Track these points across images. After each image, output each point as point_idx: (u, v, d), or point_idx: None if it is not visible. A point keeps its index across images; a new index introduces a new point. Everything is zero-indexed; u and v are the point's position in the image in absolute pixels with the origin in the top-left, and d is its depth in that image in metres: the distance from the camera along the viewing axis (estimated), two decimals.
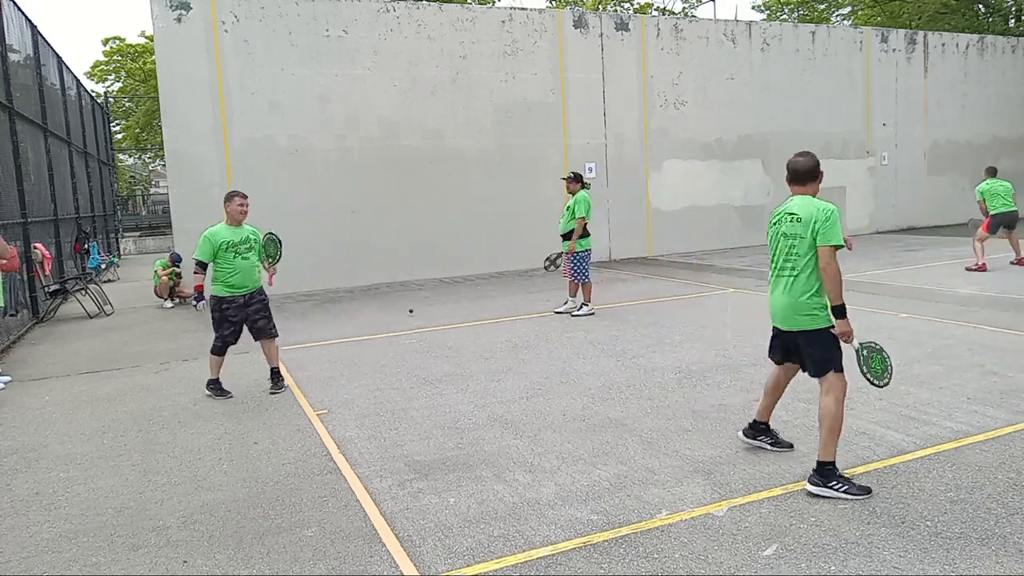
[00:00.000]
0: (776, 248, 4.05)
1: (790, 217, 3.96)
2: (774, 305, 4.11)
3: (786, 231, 3.96)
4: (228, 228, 6.29)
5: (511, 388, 6.16)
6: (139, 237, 29.46)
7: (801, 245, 3.88)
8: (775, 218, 4.08)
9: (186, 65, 12.13)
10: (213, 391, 6.38)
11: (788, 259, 3.96)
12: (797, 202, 3.96)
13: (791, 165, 4.04)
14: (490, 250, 14.45)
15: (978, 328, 7.52)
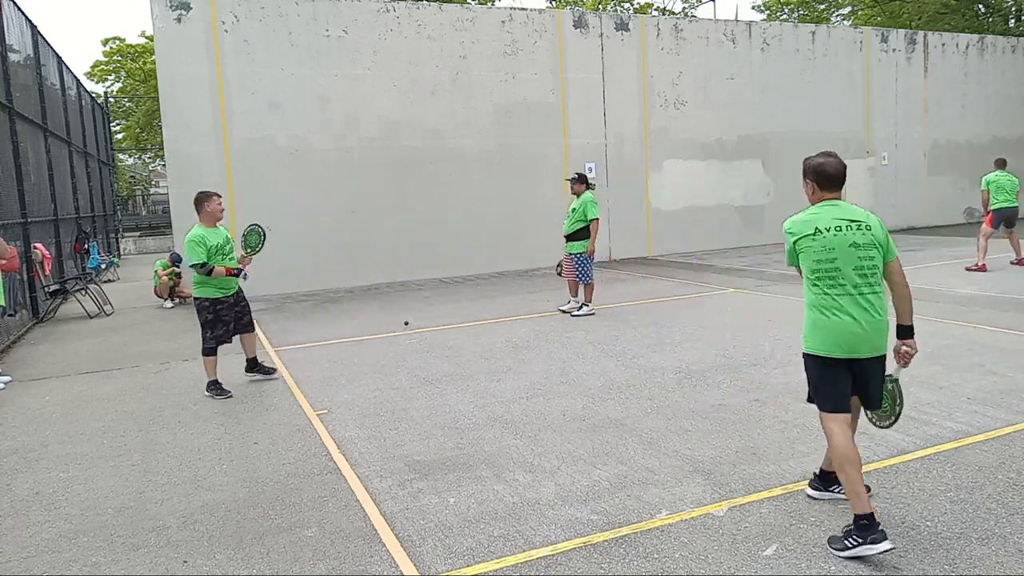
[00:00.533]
0: (843, 261, 3.34)
1: (855, 225, 3.38)
2: (857, 330, 3.33)
3: (859, 240, 3.35)
4: (209, 230, 6.31)
5: (511, 388, 6.16)
6: (139, 237, 29.47)
7: (877, 258, 3.38)
8: (830, 226, 3.38)
9: (186, 65, 12.13)
10: (214, 392, 6.39)
11: (866, 274, 3.36)
12: (851, 208, 3.45)
13: (828, 167, 3.47)
14: (490, 250, 14.45)
15: (978, 328, 7.52)
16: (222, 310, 6.38)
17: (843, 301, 3.34)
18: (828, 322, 3.37)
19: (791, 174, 18.57)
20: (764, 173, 17.23)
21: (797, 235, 3.44)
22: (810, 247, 3.39)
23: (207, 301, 6.32)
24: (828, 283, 3.37)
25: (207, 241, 6.20)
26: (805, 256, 3.42)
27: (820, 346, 3.41)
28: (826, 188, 3.49)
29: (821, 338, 3.40)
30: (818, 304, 3.41)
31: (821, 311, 3.40)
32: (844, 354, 3.35)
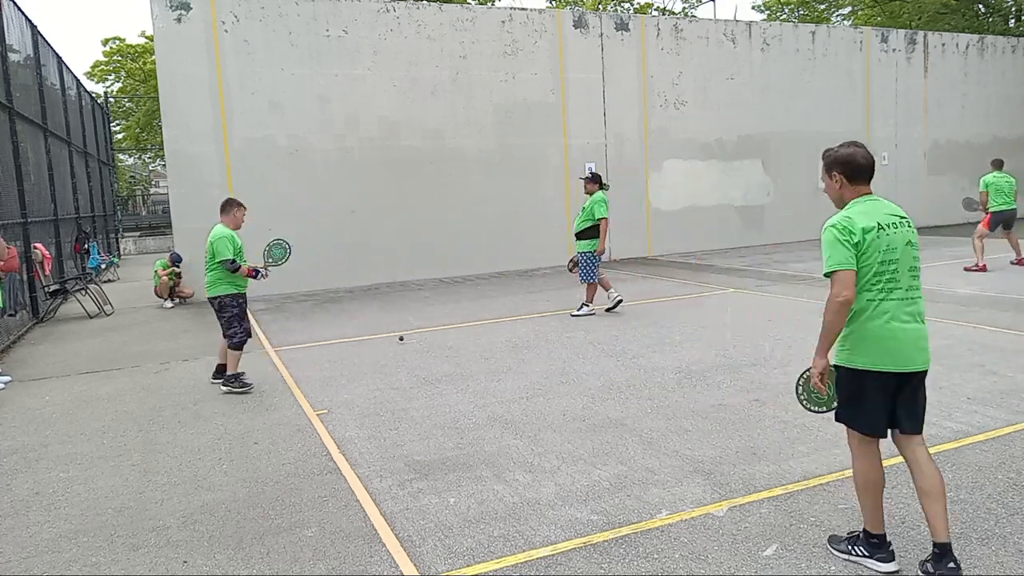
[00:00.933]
0: (902, 261, 3.02)
1: (905, 221, 3.07)
2: (908, 338, 3.00)
3: (912, 239, 3.06)
4: (233, 231, 6.62)
5: (511, 388, 6.16)
6: (139, 237, 29.48)
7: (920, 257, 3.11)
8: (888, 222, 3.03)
9: (186, 65, 12.13)
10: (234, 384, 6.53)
11: (916, 275, 3.07)
12: (890, 204, 3.13)
13: (859, 157, 3.10)
14: (490, 250, 14.45)
15: (978, 328, 7.52)
16: (243, 304, 6.68)
17: (899, 307, 3.01)
18: (884, 331, 2.99)
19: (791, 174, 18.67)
20: (764, 173, 17.23)
21: (866, 230, 2.99)
22: (875, 245, 2.99)
23: (229, 297, 6.56)
24: (887, 286, 3.00)
25: (235, 240, 6.53)
26: (868, 256, 2.99)
27: (869, 359, 3.01)
28: (857, 180, 3.12)
29: (874, 350, 3.00)
30: (871, 311, 3.01)
31: (876, 319, 3.00)
32: (898, 368, 3.00)
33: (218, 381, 6.73)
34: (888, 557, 3.10)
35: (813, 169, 17.86)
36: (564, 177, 15.07)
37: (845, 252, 2.99)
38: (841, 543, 3.23)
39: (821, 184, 3.27)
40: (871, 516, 3.13)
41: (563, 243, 15.16)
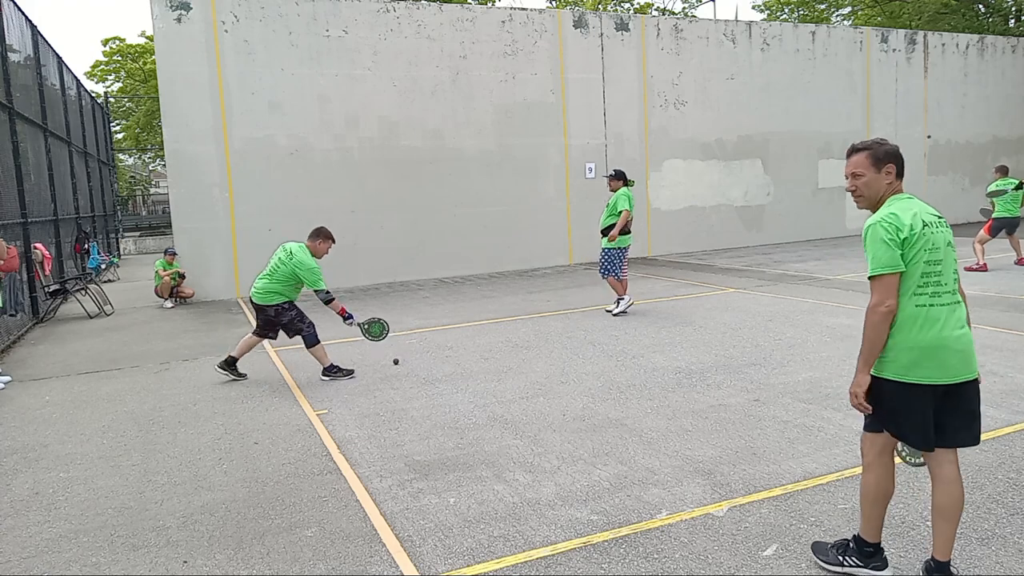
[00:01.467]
0: (946, 262, 2.85)
1: (940, 220, 2.91)
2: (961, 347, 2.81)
3: (951, 240, 2.89)
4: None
5: (511, 388, 6.16)
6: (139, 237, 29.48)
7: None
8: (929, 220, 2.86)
9: (186, 65, 12.14)
10: (335, 374, 6.75)
11: (958, 279, 2.90)
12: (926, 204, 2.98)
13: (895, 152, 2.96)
14: (490, 250, 14.45)
15: (978, 328, 7.51)
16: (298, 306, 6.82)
17: (949, 313, 2.82)
18: (938, 341, 2.79)
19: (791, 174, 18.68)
20: (764, 173, 17.24)
21: (912, 226, 2.80)
22: (922, 242, 2.80)
23: (286, 304, 6.72)
24: (934, 288, 2.81)
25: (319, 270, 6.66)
26: (915, 255, 2.80)
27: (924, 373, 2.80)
28: (900, 177, 2.97)
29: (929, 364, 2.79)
30: (923, 319, 2.80)
31: (928, 328, 2.79)
32: (950, 379, 2.80)
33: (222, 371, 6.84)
34: (883, 564, 3.02)
35: (813, 169, 17.88)
36: (564, 177, 15.08)
37: (891, 252, 2.79)
38: (828, 552, 3.12)
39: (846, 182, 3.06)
40: (873, 525, 3.00)
41: (563, 243, 15.19)
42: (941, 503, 2.90)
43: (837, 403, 5.31)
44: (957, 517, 2.90)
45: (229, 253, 12.57)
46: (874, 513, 3.00)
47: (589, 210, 15.34)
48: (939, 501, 2.91)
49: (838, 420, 4.97)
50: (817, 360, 6.56)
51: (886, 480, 2.98)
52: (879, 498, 2.98)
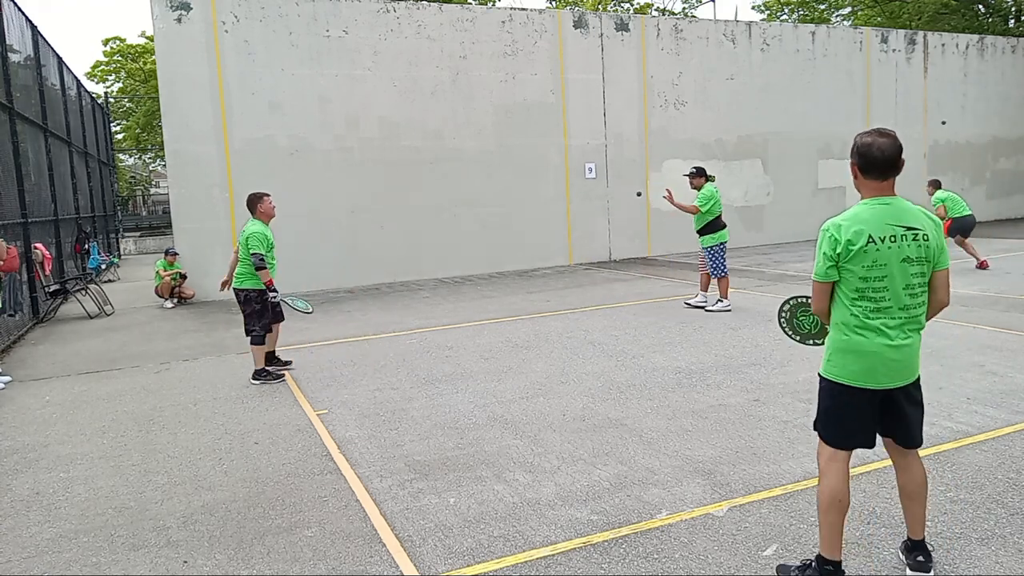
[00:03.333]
0: (893, 279, 2.79)
1: (912, 234, 2.78)
2: (897, 356, 2.82)
3: (912, 254, 2.78)
4: (267, 228, 6.67)
5: (511, 388, 6.16)
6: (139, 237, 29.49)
7: (928, 272, 2.85)
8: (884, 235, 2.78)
9: (186, 65, 12.14)
10: (264, 378, 6.67)
11: (916, 292, 2.82)
12: (906, 208, 2.82)
13: (875, 149, 2.76)
14: (490, 250, 14.46)
15: (978, 328, 7.52)
16: (266, 299, 6.71)
17: (887, 324, 2.81)
18: (866, 345, 2.82)
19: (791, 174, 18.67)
20: (764, 173, 17.24)
21: (850, 247, 2.78)
22: (860, 260, 2.78)
23: (255, 292, 6.65)
24: (872, 303, 2.81)
25: (269, 236, 6.58)
26: (851, 273, 2.81)
27: (846, 374, 2.88)
28: (870, 176, 2.81)
29: (852, 363, 2.86)
30: (853, 325, 2.85)
31: (856, 332, 2.84)
32: (876, 385, 2.85)
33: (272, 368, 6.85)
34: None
35: (813, 169, 17.88)
36: (564, 177, 15.08)
37: (825, 263, 2.86)
38: (792, 573, 3.04)
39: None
40: (830, 540, 2.91)
41: (563, 243, 15.19)
42: (906, 486, 3.02)
43: None
44: (923, 497, 3.00)
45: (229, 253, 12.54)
46: (830, 523, 2.91)
47: (589, 210, 15.35)
48: (903, 484, 3.03)
49: None
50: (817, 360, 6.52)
51: (840, 487, 2.91)
52: (833, 506, 2.90)
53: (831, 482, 2.92)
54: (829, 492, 2.91)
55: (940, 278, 2.88)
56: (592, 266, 14.80)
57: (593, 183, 15.34)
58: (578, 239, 15.26)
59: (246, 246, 6.54)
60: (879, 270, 2.78)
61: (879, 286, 2.80)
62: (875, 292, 2.80)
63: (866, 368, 2.84)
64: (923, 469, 3.04)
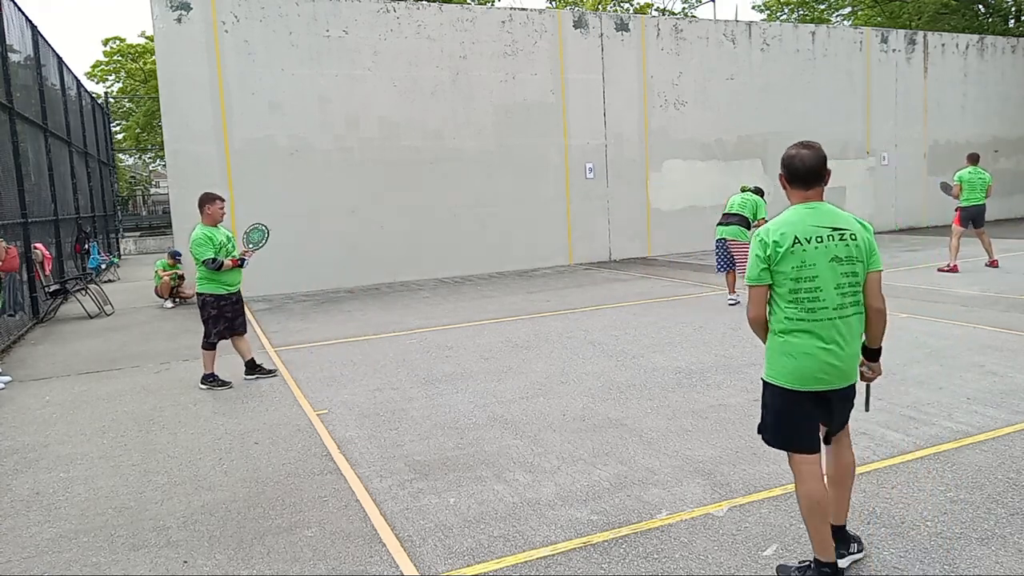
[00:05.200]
0: (824, 279, 2.86)
1: (839, 234, 2.88)
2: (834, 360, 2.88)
3: (840, 254, 2.87)
4: (211, 229, 6.58)
5: (511, 388, 6.16)
6: (139, 237, 29.48)
7: (860, 273, 2.90)
8: (810, 236, 2.88)
9: (186, 65, 12.13)
10: (211, 383, 6.65)
11: (849, 293, 2.89)
12: (832, 212, 2.95)
13: (796, 161, 2.93)
14: (490, 250, 14.45)
15: (978, 328, 7.52)
16: (225, 307, 6.66)
17: (821, 326, 2.87)
18: (802, 347, 2.88)
19: None
20: (764, 173, 17.22)
21: (778, 249, 2.89)
22: (789, 261, 2.87)
23: (211, 297, 6.60)
24: (807, 305, 2.87)
25: (215, 238, 6.49)
26: (782, 275, 2.90)
27: (786, 377, 2.93)
28: (795, 185, 2.97)
29: (791, 368, 2.91)
30: (790, 328, 2.91)
31: (794, 335, 2.90)
32: (814, 387, 2.90)
33: (251, 377, 6.84)
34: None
35: None
36: (564, 177, 15.08)
37: (758, 266, 2.94)
38: (791, 573, 3.06)
39: None
40: (820, 543, 2.94)
41: (563, 243, 15.19)
42: (834, 472, 3.12)
43: None
44: (849, 484, 3.12)
45: None
46: (815, 526, 2.94)
47: (589, 210, 15.35)
48: (831, 470, 3.12)
49: None
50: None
51: (817, 490, 2.93)
52: (814, 509, 2.92)
53: (807, 487, 2.94)
54: (807, 497, 2.93)
55: (871, 280, 2.94)
56: (592, 266, 14.80)
57: (593, 183, 15.33)
58: (578, 239, 15.26)
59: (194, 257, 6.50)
60: (808, 270, 2.86)
61: (811, 287, 2.86)
62: (808, 293, 2.87)
63: (803, 370, 2.89)
64: (853, 456, 3.14)
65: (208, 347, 6.66)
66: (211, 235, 6.47)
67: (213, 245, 6.44)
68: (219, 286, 6.58)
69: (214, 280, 6.55)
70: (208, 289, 6.57)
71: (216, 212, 6.57)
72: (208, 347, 6.66)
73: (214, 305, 6.59)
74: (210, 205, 6.55)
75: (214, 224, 6.58)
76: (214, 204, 6.56)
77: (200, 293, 6.62)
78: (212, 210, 6.56)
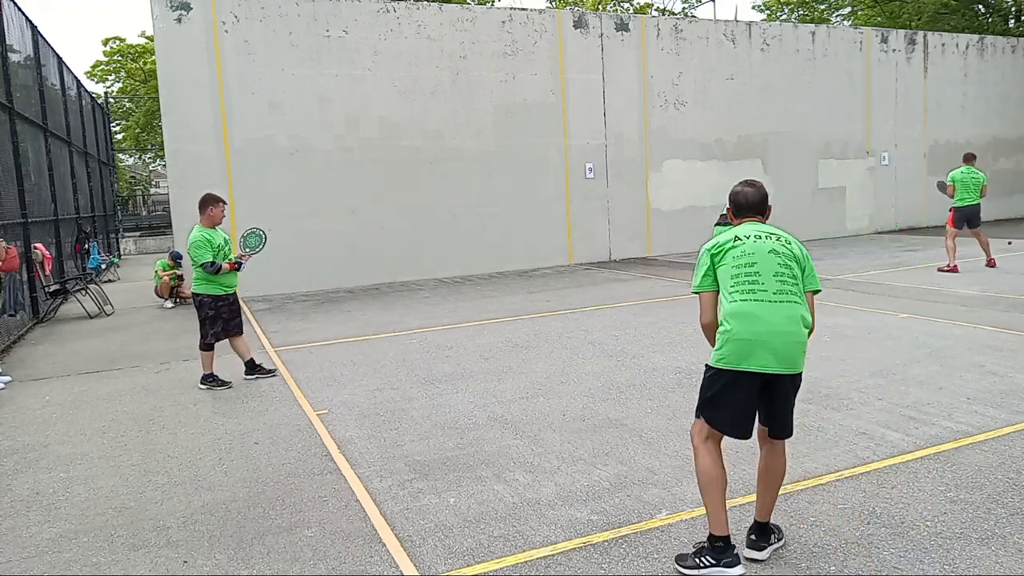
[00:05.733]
0: (763, 266, 3.11)
1: (775, 236, 3.20)
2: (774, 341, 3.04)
3: (777, 249, 3.15)
4: (209, 231, 6.57)
5: (511, 388, 6.16)
6: (139, 237, 29.48)
7: (796, 270, 3.15)
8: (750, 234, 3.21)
9: (186, 65, 12.13)
10: (210, 384, 6.65)
11: (786, 281, 3.10)
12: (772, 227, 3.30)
13: (741, 197, 3.34)
14: (490, 250, 14.45)
15: (978, 328, 7.52)
16: (222, 307, 6.67)
17: (762, 308, 3.05)
18: (744, 330, 3.05)
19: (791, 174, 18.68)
20: (764, 173, 17.22)
21: (719, 248, 3.20)
22: (730, 254, 3.16)
23: (209, 298, 6.60)
24: (747, 287, 3.09)
25: (212, 241, 6.48)
26: (724, 268, 3.16)
27: (728, 358, 3.11)
28: (741, 216, 3.38)
29: (732, 349, 3.08)
30: (735, 312, 3.09)
31: (737, 319, 3.07)
32: (755, 367, 3.04)
33: (251, 377, 6.84)
34: (734, 561, 3.07)
35: (813, 169, 17.89)
36: (564, 177, 15.08)
37: (702, 275, 3.23)
38: (688, 559, 3.14)
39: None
40: (714, 517, 3.10)
41: (563, 243, 15.19)
42: (766, 473, 3.26)
43: (837, 403, 5.32)
44: (777, 485, 3.26)
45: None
46: (711, 500, 3.12)
47: (589, 210, 15.35)
48: (764, 471, 3.27)
49: (838, 420, 4.97)
50: (816, 360, 6.55)
51: (715, 466, 3.14)
52: (711, 483, 3.12)
53: (704, 463, 3.15)
54: (704, 472, 3.14)
55: (810, 299, 3.20)
56: (592, 266, 14.80)
57: (593, 183, 15.33)
58: (578, 239, 15.26)
59: (192, 258, 6.51)
60: (748, 258, 3.13)
61: (751, 271, 3.11)
62: (747, 277, 3.11)
63: (745, 350, 3.06)
64: (785, 460, 3.29)
65: (206, 348, 6.67)
66: (210, 237, 6.47)
67: (212, 248, 6.44)
68: (216, 287, 6.59)
69: (211, 281, 6.56)
70: (205, 290, 6.58)
71: (217, 215, 6.58)
72: (206, 348, 6.67)
73: (211, 306, 6.60)
74: (213, 207, 6.56)
75: (213, 226, 6.58)
76: (217, 206, 6.57)
77: (197, 294, 6.62)
78: (214, 212, 6.56)
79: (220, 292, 6.61)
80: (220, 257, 6.51)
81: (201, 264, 6.43)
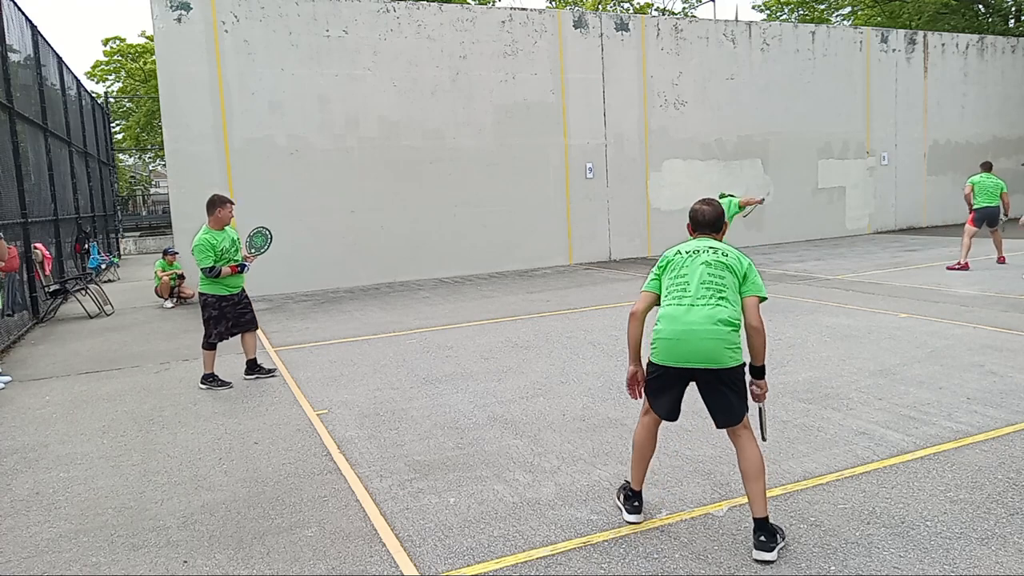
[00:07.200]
0: (692, 275, 3.49)
1: (713, 250, 3.55)
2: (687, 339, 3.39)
3: (711, 260, 3.50)
4: (215, 233, 6.57)
5: (511, 388, 6.16)
6: (139, 237, 29.49)
7: (728, 278, 3.49)
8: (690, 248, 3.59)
9: (186, 65, 12.14)
10: (211, 383, 6.66)
11: (711, 286, 3.45)
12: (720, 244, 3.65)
13: (698, 215, 3.71)
14: (490, 250, 14.45)
15: (978, 328, 7.52)
16: (227, 307, 6.67)
17: (682, 310, 3.46)
18: (667, 330, 3.48)
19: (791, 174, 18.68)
20: (764, 173, 17.23)
21: (667, 260, 3.65)
22: (671, 265, 3.60)
23: (213, 298, 6.61)
24: (677, 294, 3.52)
25: (215, 245, 6.47)
26: (666, 277, 3.61)
27: (659, 353, 3.51)
28: (697, 231, 3.74)
29: (659, 346, 3.50)
30: (663, 314, 3.55)
31: (664, 320, 3.53)
32: (676, 362, 3.44)
33: (251, 377, 6.84)
34: (634, 510, 3.64)
35: (813, 169, 17.89)
36: (564, 177, 15.08)
37: (651, 279, 3.69)
38: (619, 494, 3.80)
39: None
40: (634, 474, 3.69)
41: (563, 243, 15.19)
42: (744, 468, 3.38)
43: (837, 403, 5.32)
44: (761, 476, 3.35)
45: None
46: (635, 461, 3.68)
47: (589, 210, 15.35)
48: (742, 466, 3.39)
49: (838, 420, 4.97)
50: (817, 360, 6.56)
51: (646, 437, 3.65)
52: (638, 447, 3.67)
53: (639, 434, 3.69)
54: (637, 440, 3.69)
55: (749, 304, 3.49)
56: (592, 266, 14.80)
57: (593, 183, 15.34)
58: (578, 239, 15.26)
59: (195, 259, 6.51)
60: (683, 270, 3.55)
61: (682, 281, 3.53)
62: (677, 287, 3.53)
63: (668, 347, 3.46)
64: (758, 450, 3.41)
65: (208, 347, 6.68)
66: (213, 241, 6.46)
67: (214, 252, 6.44)
68: (221, 287, 6.60)
69: (216, 282, 6.57)
70: (210, 290, 6.59)
71: (225, 216, 6.58)
72: (208, 347, 6.68)
73: (215, 306, 6.61)
74: (221, 208, 6.55)
75: (221, 227, 6.58)
76: (225, 207, 6.56)
77: (202, 293, 6.63)
78: (222, 213, 6.56)
79: (225, 292, 6.62)
80: (225, 259, 6.52)
81: (202, 269, 6.46)
